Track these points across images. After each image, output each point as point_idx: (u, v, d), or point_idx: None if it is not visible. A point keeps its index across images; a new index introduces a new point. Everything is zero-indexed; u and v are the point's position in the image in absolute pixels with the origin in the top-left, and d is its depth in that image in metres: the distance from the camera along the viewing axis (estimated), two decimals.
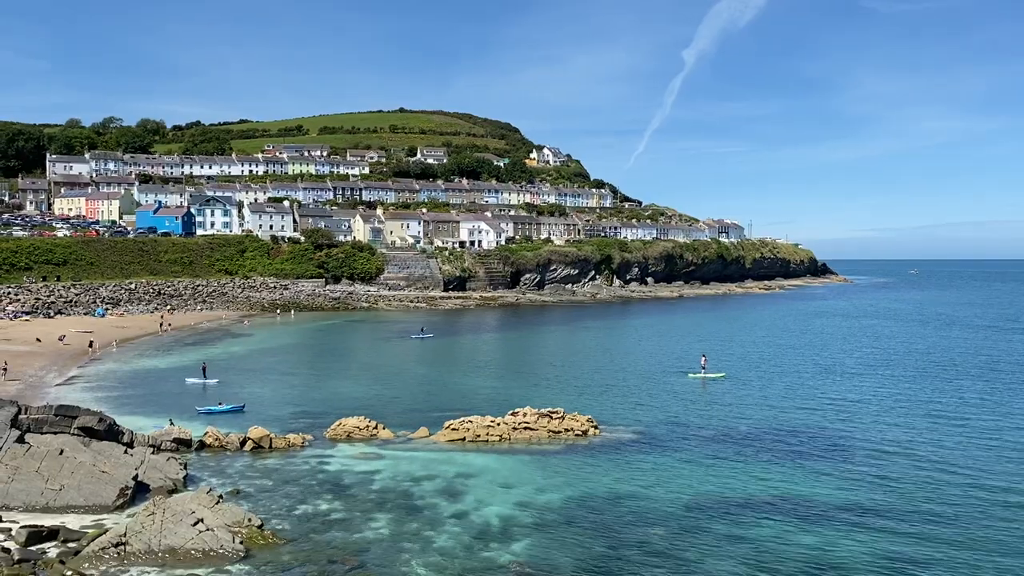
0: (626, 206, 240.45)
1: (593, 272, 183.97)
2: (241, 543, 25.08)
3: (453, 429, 41.28)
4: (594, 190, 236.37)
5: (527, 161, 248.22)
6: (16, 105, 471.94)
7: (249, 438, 39.40)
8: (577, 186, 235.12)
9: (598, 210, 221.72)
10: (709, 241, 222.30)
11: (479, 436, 40.78)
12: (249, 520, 26.69)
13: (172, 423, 41.98)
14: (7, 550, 23.38)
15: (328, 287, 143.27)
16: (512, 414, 42.81)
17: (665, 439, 41.73)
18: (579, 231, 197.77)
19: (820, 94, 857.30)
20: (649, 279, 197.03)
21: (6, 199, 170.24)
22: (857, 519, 28.97)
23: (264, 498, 31.23)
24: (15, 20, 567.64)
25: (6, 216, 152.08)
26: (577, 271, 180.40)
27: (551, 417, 42.43)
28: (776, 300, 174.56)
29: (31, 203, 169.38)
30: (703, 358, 66.15)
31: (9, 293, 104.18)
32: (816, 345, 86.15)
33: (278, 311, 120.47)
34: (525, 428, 41.66)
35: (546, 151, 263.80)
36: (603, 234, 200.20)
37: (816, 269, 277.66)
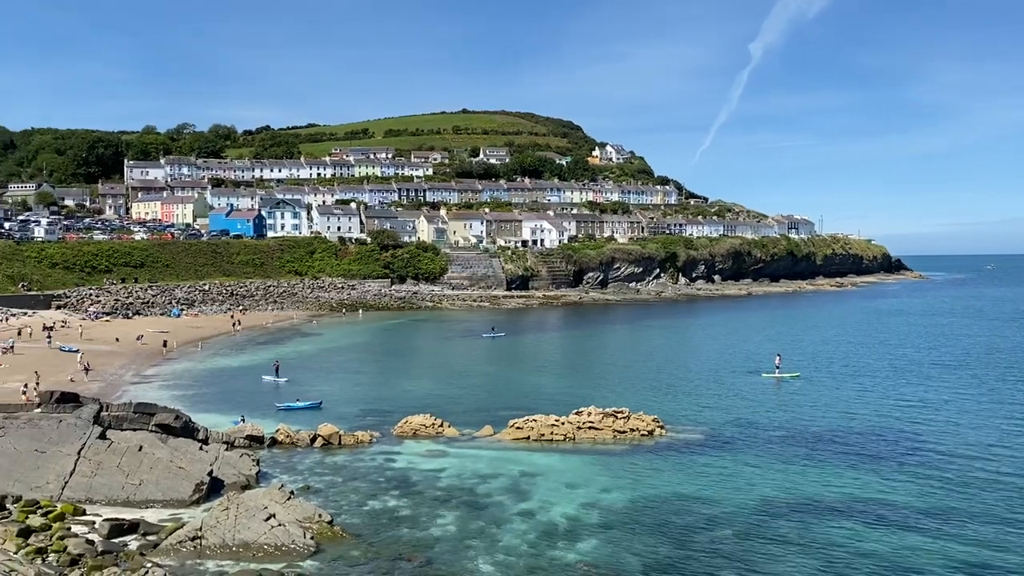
0: (692, 203, 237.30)
1: (658, 270, 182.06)
2: (312, 539, 25.59)
3: (517, 428, 41.35)
4: (658, 187, 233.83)
5: (590, 159, 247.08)
6: (96, 114, 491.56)
7: (319, 435, 40.18)
8: (641, 183, 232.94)
9: (663, 207, 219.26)
10: (778, 237, 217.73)
11: (543, 435, 40.76)
12: (319, 516, 27.21)
13: (243, 420, 43.11)
14: (91, 542, 24.32)
15: (393, 287, 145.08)
16: (576, 413, 42.67)
17: (734, 440, 41.04)
18: (643, 229, 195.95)
19: (893, 84, 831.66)
20: (716, 277, 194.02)
21: (87, 204, 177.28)
22: (933, 525, 28.03)
23: (333, 494, 31.79)
24: (94, 33, 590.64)
25: (87, 220, 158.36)
26: (641, 269, 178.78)
27: (616, 417, 42.14)
28: (848, 298, 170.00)
29: (110, 207, 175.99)
30: (777, 357, 64.71)
31: (91, 295, 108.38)
32: (891, 344, 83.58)
33: (344, 311, 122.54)
34: (590, 428, 41.48)
35: (609, 148, 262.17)
36: (668, 231, 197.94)
37: (890, 265, 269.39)
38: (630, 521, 28.66)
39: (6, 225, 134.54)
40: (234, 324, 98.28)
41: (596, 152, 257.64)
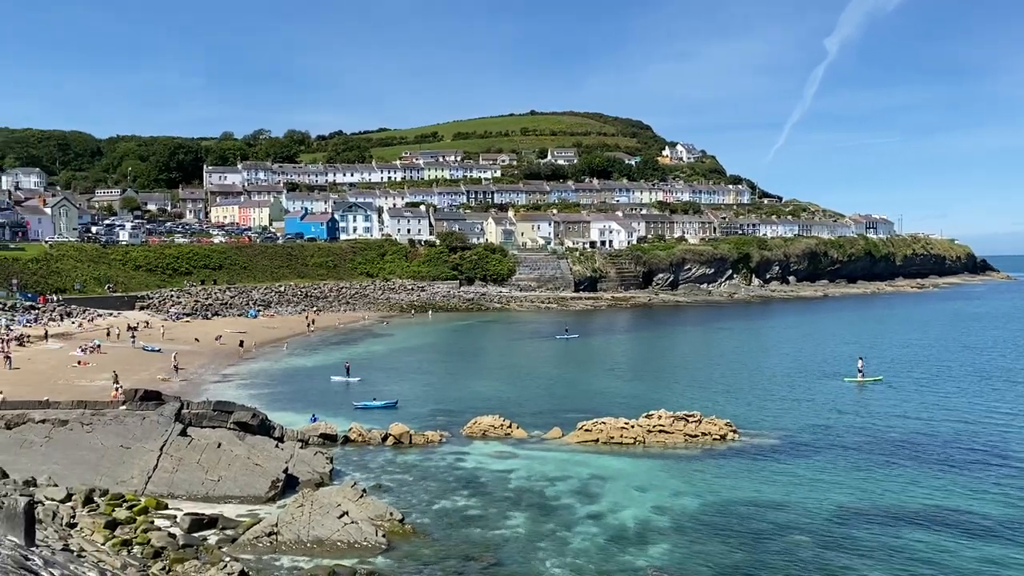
0: (765, 202, 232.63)
1: (730, 271, 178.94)
2: (383, 536, 25.92)
3: (586, 430, 41.12)
4: (730, 186, 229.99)
5: (659, 159, 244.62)
6: (176, 120, 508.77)
7: (390, 434, 40.72)
8: (712, 183, 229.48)
9: (735, 207, 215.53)
10: (856, 237, 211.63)
11: (613, 438, 40.43)
12: (391, 514, 27.55)
13: (315, 419, 44.02)
14: (173, 535, 25.12)
15: (462, 289, 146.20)
16: (647, 416, 42.18)
17: (811, 445, 39.97)
18: (715, 229, 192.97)
19: (978, 77, 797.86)
20: (791, 278, 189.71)
21: (169, 208, 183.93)
22: (1020, 538, 26.74)
23: (404, 493, 32.15)
24: (174, 42, 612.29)
25: (169, 224, 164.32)
26: (713, 270, 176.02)
27: (687, 420, 41.50)
28: (930, 300, 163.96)
29: (190, 212, 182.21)
30: (860, 361, 62.67)
31: (172, 296, 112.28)
32: (976, 349, 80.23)
33: (414, 312, 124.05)
34: (660, 431, 40.96)
35: (679, 148, 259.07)
36: (740, 232, 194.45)
37: (974, 266, 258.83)
38: (702, 526, 28.18)
39: (93, 229, 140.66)
40: (308, 325, 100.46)
41: (666, 151, 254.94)
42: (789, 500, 31.06)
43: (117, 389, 47.99)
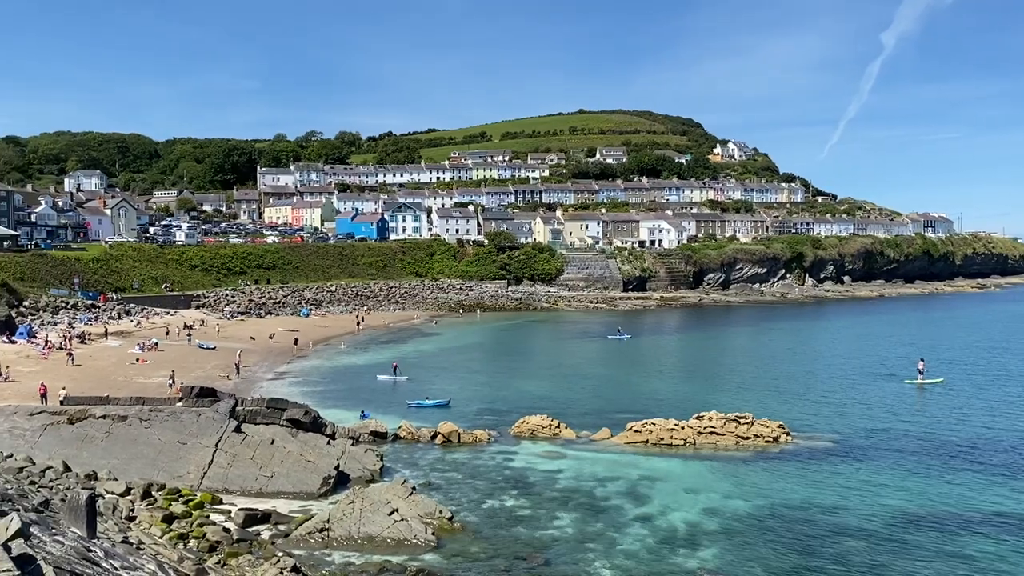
0: (819, 200, 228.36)
1: (783, 271, 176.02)
2: (433, 534, 26.07)
3: (636, 431, 40.81)
4: (783, 184, 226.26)
5: (710, 157, 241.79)
6: (231, 123, 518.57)
7: (439, 432, 40.95)
8: (765, 181, 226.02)
9: (788, 205, 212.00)
10: (913, 236, 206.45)
11: (662, 439, 40.06)
12: (440, 512, 27.70)
13: (364, 415, 44.47)
14: (228, 530, 25.61)
15: (510, 288, 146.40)
16: (697, 418, 41.71)
17: (866, 448, 39.09)
18: (767, 228, 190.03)
19: None
20: (845, 278, 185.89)
21: (223, 209, 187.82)
22: None
23: (453, 491, 32.29)
24: (229, 46, 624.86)
25: (223, 225, 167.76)
26: (765, 270, 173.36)
27: (739, 422, 40.93)
28: (992, 300, 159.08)
29: (244, 212, 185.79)
30: (920, 362, 61.03)
31: (227, 295, 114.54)
32: None
33: (462, 311, 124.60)
34: (711, 433, 40.47)
35: (731, 145, 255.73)
36: (794, 230, 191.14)
37: None
38: (754, 529, 27.76)
39: (151, 230, 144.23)
40: (358, 323, 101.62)
41: (717, 149, 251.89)
42: (844, 504, 30.42)
43: (172, 386, 49.16)
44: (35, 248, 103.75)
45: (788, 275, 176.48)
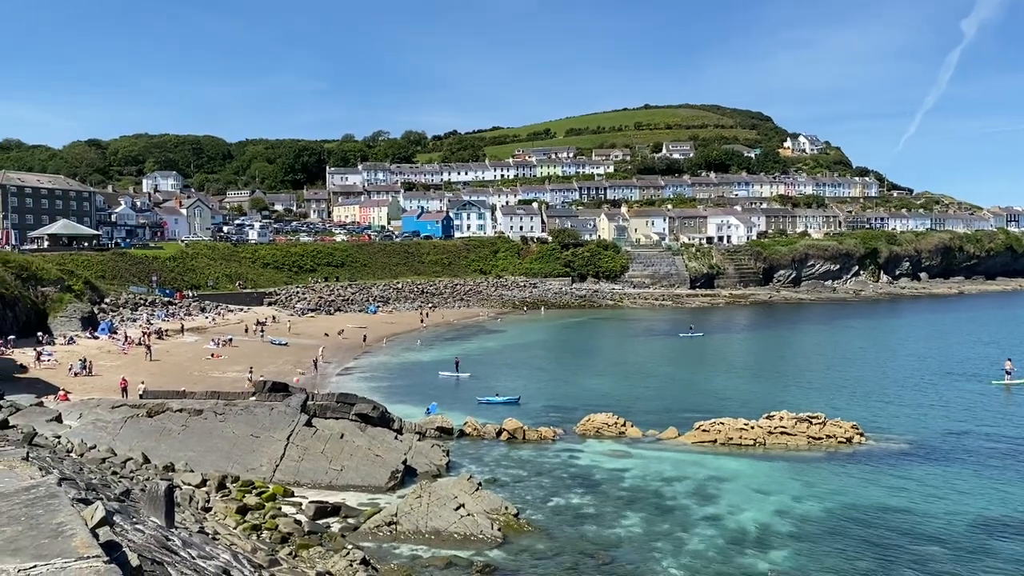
0: (894, 195, 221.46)
1: (856, 267, 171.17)
2: (499, 530, 26.16)
3: (703, 431, 40.22)
4: (857, 178, 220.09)
5: (780, 151, 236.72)
6: (301, 124, 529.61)
7: (504, 429, 41.06)
8: (837, 175, 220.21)
9: (862, 200, 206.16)
10: (995, 231, 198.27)
11: (731, 439, 39.39)
12: (506, 508, 27.77)
13: (429, 412, 44.89)
14: (299, 522, 26.15)
15: (574, 285, 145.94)
16: (767, 418, 40.89)
17: (945, 451, 37.73)
18: (840, 223, 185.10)
19: None
20: (922, 274, 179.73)
21: (294, 208, 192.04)
22: None
23: (519, 488, 32.33)
24: (298, 49, 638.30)
25: (294, 224, 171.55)
26: (838, 266, 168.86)
27: (811, 422, 39.97)
28: None
29: (314, 211, 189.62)
30: (1008, 362, 58.50)
31: (297, 292, 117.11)
32: None
33: (526, 308, 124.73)
34: (782, 433, 39.62)
35: (801, 139, 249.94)
36: (868, 226, 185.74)
37: None
38: (826, 532, 27.06)
39: (225, 229, 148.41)
40: (421, 320, 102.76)
41: (787, 143, 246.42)
42: (921, 508, 29.43)
43: (250, 380, 50.51)
44: (115, 247, 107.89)
45: (862, 272, 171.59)
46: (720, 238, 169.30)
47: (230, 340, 71.39)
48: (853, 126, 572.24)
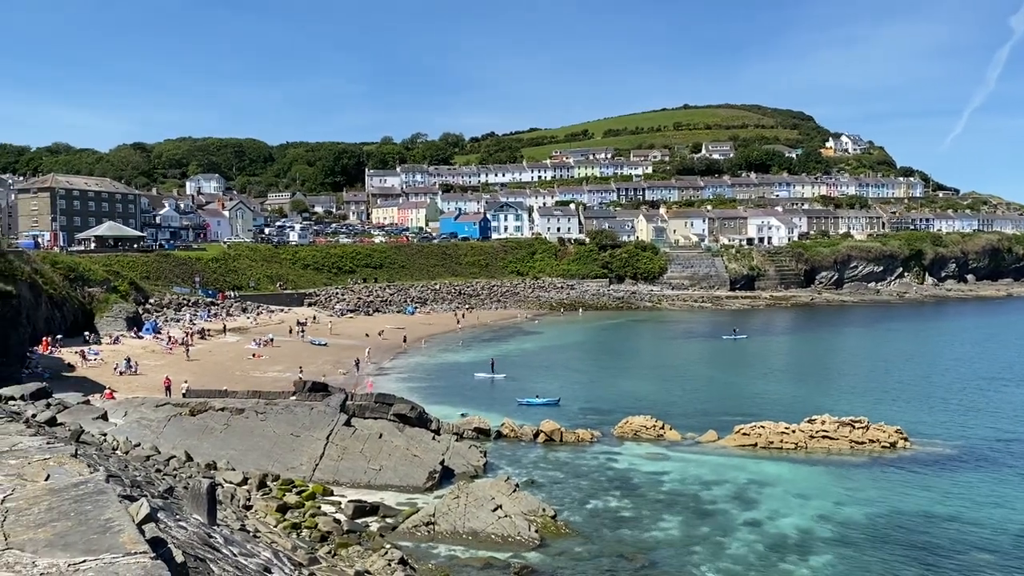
0: (940, 195, 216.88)
1: (900, 269, 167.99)
2: (536, 531, 26.11)
3: (744, 434, 39.76)
4: (901, 179, 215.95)
5: (822, 151, 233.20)
6: (341, 126, 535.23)
7: (542, 431, 40.99)
8: (881, 175, 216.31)
9: (906, 200, 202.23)
10: None
11: (772, 443, 38.88)
12: (543, 510, 27.72)
13: (464, 415, 44.96)
14: (338, 521, 26.39)
15: (612, 287, 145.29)
16: (809, 421, 40.28)
17: (994, 457, 36.84)
18: (883, 224, 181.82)
19: None
20: (969, 276, 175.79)
21: (333, 210, 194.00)
22: None
23: (556, 490, 32.25)
24: (338, 53, 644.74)
25: (334, 225, 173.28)
26: (881, 268, 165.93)
27: (853, 426, 39.29)
28: None
29: (353, 213, 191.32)
30: None
31: (336, 293, 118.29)
32: None
33: (563, 310, 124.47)
34: (824, 437, 39.00)
35: (844, 139, 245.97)
36: (912, 227, 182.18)
37: None
38: (870, 538, 26.57)
39: (266, 230, 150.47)
40: (457, 321, 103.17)
41: (830, 143, 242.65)
42: (968, 515, 28.76)
43: (301, 375, 51.21)
44: (160, 248, 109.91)
45: (906, 273, 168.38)
46: (760, 239, 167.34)
47: (271, 340, 72.29)
48: (897, 125, 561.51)
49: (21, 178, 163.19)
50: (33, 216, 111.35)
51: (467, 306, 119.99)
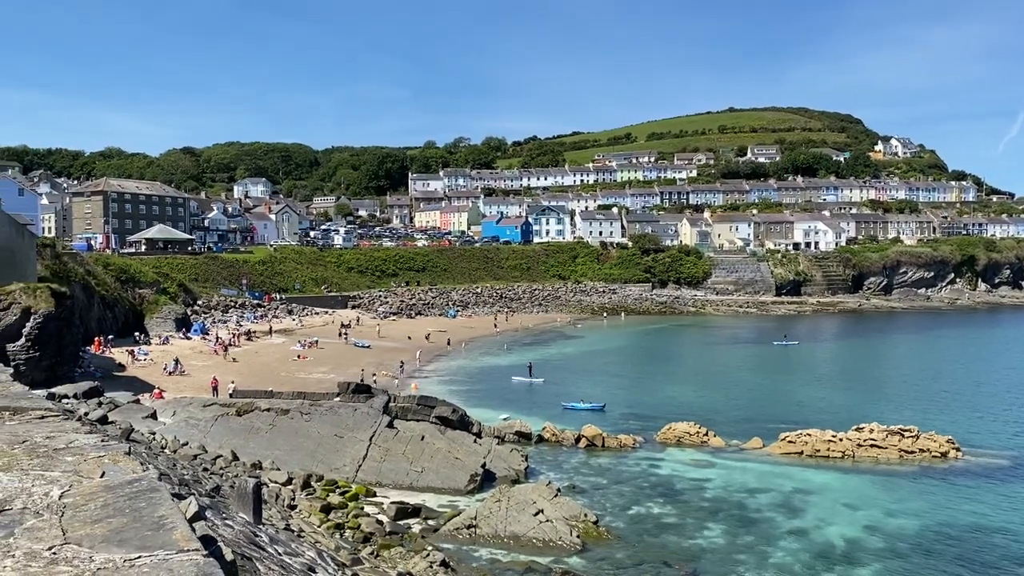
0: (994, 199, 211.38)
1: (952, 275, 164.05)
2: (577, 537, 26.00)
3: (789, 442, 39.14)
4: (953, 183, 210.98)
5: (871, 154, 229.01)
6: (384, 131, 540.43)
7: (583, 436, 40.82)
8: (932, 179, 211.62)
9: (958, 205, 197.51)
10: None
11: (818, 451, 38.21)
12: (585, 515, 27.59)
13: (506, 418, 44.96)
14: (381, 522, 26.58)
15: (654, 291, 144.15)
16: (856, 430, 39.50)
17: None
18: (934, 229, 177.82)
19: None
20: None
21: (377, 214, 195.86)
22: None
23: (598, 495, 32.08)
24: (382, 58, 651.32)
25: (377, 229, 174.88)
26: (932, 274, 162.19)
27: (902, 435, 38.43)
28: None
29: (396, 217, 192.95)
30: None
31: (380, 296, 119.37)
32: None
33: (605, 314, 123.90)
34: (871, 445, 38.21)
35: (893, 142, 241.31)
36: (964, 232, 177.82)
37: None
38: (919, 549, 25.95)
39: (311, 234, 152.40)
40: (495, 324, 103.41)
41: (879, 146, 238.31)
42: (1020, 529, 27.91)
43: (374, 377, 51.85)
44: (208, 251, 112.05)
45: (958, 279, 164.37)
46: (807, 244, 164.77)
47: (316, 342, 73.12)
48: (949, 128, 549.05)
49: (75, 182, 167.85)
50: (87, 219, 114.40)
51: (507, 309, 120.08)
